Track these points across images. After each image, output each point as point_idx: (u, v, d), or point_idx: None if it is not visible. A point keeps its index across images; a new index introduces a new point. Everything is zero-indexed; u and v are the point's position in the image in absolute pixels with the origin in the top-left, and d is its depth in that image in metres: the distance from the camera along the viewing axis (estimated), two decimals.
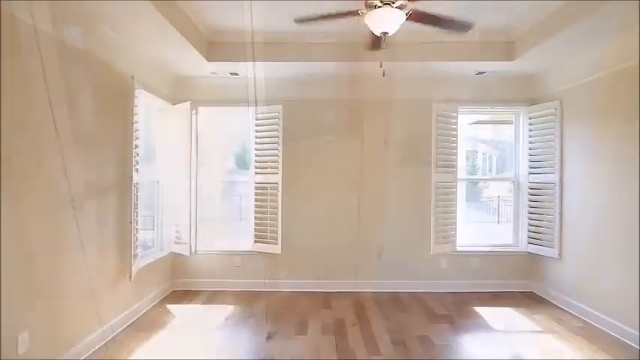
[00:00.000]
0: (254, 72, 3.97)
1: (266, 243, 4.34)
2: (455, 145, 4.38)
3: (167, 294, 4.28)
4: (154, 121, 4.27)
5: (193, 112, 4.08)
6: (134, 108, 3.29)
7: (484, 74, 4.25)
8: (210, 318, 3.63)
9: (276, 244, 4.27)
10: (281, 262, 4.46)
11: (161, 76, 4.03)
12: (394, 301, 4.12)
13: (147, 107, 4.02)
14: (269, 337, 3.20)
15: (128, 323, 3.40)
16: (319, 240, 4.50)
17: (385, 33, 2.20)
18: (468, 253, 4.58)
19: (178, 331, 3.32)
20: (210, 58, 3.79)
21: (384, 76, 2.69)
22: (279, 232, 4.27)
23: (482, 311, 3.84)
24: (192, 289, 4.41)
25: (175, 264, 4.45)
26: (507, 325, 3.50)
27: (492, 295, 4.35)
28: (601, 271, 3.45)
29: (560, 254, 4.03)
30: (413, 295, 4.31)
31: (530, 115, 4.44)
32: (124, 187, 3.30)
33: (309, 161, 4.51)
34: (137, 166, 3.38)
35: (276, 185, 4.29)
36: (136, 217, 3.38)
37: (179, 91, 4.38)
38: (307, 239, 4.50)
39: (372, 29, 2.27)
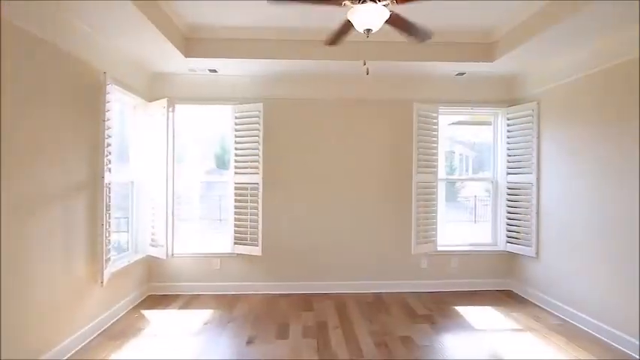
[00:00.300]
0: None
1: (246, 245, 4.24)
2: (435, 145, 4.41)
3: (142, 299, 4.11)
4: (129, 118, 4.10)
5: (170, 109, 3.93)
6: (106, 104, 3.13)
7: (464, 75, 4.29)
8: (188, 323, 3.50)
9: (257, 246, 4.18)
10: (262, 264, 4.37)
11: (136, 72, 3.87)
12: (376, 302, 4.10)
13: (121, 104, 3.87)
14: (249, 342, 3.11)
15: (100, 330, 3.24)
16: (301, 241, 4.44)
17: (369, 30, 2.16)
18: (448, 253, 4.61)
19: (154, 338, 3.18)
20: (187, 54, 3.66)
21: (367, 74, 2.65)
22: (260, 234, 4.18)
23: (463, 310, 3.86)
24: (169, 294, 4.27)
25: (151, 267, 4.29)
26: (488, 324, 3.52)
27: (472, 294, 4.39)
28: (577, 269, 3.53)
29: (537, 253, 4.11)
30: (395, 296, 4.30)
31: (509, 115, 4.52)
32: (95, 188, 3.15)
33: (291, 161, 4.43)
34: (109, 166, 3.22)
35: (256, 186, 4.20)
36: (109, 219, 3.23)
37: (155, 88, 4.23)
38: (289, 240, 4.43)
39: (355, 25, 2.22)
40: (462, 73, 4.24)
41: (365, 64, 2.62)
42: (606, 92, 3.21)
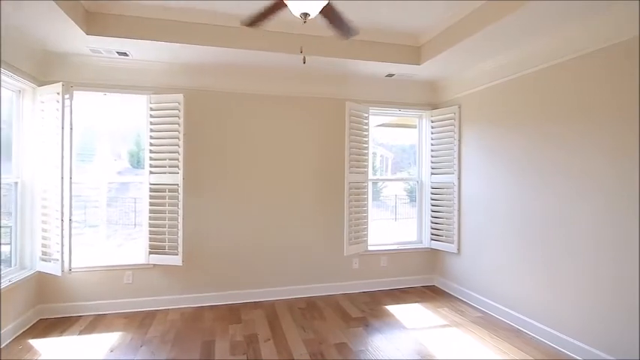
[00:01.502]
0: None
1: (164, 254, 3.75)
2: (366, 145, 4.39)
3: (31, 324, 3.40)
4: (13, 106, 3.36)
5: (66, 96, 3.29)
6: None
7: (394, 77, 4.34)
8: (90, 351, 2.95)
9: (177, 255, 3.72)
10: (183, 275, 3.92)
11: (21, 48, 3.15)
12: (309, 308, 3.93)
13: (2, 89, 3.15)
14: None
15: None
16: (227, 247, 4.08)
17: (306, 14, 1.96)
18: (378, 252, 4.65)
19: None
20: (90, 31, 3.08)
21: (304, 62, 2.46)
22: (180, 241, 3.73)
23: (394, 309, 3.89)
24: (67, 316, 3.60)
25: (43, 285, 3.57)
26: (418, 322, 3.57)
27: (401, 292, 4.48)
28: (494, 263, 3.76)
29: (459, 249, 4.33)
30: (328, 299, 4.19)
31: (433, 118, 4.71)
32: None
33: (216, 160, 4.06)
34: None
35: (176, 187, 3.74)
36: None
37: (48, 70, 3.52)
38: (213, 247, 4.04)
39: (290, 8, 2.01)
40: (392, 75, 4.29)
41: (302, 52, 2.42)
42: (517, 98, 3.45)
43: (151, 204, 3.77)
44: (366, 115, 4.37)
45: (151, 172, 3.77)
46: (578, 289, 2.89)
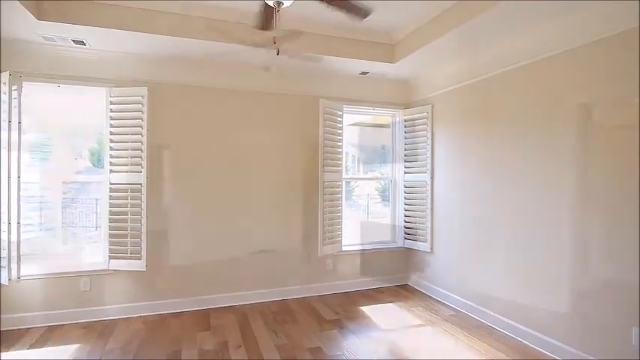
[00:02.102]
0: None
1: (126, 259, 3.50)
2: (340, 144, 4.33)
3: None
4: None
5: (13, 87, 2.99)
6: None
7: (368, 75, 4.30)
8: None
9: (140, 260, 3.49)
10: (146, 280, 3.68)
11: None
12: (282, 311, 3.81)
13: None
14: None
15: None
16: (194, 249, 3.88)
17: (279, 3, 1.85)
18: (352, 252, 4.60)
19: None
20: (42, 16, 2.81)
21: (277, 54, 2.34)
22: (144, 245, 3.50)
23: (368, 310, 3.84)
24: (17, 328, 3.28)
25: None
26: (393, 323, 3.54)
27: (375, 292, 4.44)
28: (467, 262, 3.79)
29: (431, 248, 4.34)
30: (301, 301, 4.08)
31: (406, 117, 4.71)
32: None
33: (182, 157, 3.84)
34: None
35: (139, 186, 3.50)
36: None
37: None
38: (180, 250, 3.82)
39: None
40: (366, 73, 4.24)
41: (275, 43, 2.30)
42: (496, 96, 3.46)
43: (112, 205, 3.51)
44: (340, 112, 4.30)
45: (112, 171, 3.51)
46: (558, 287, 2.84)
